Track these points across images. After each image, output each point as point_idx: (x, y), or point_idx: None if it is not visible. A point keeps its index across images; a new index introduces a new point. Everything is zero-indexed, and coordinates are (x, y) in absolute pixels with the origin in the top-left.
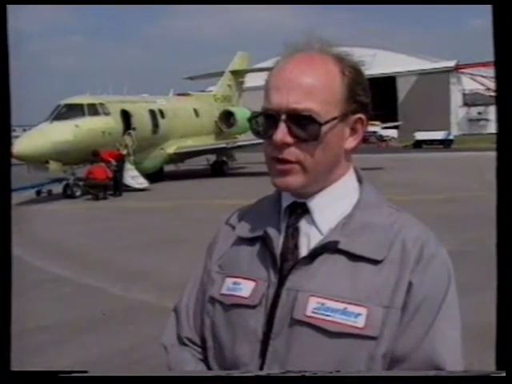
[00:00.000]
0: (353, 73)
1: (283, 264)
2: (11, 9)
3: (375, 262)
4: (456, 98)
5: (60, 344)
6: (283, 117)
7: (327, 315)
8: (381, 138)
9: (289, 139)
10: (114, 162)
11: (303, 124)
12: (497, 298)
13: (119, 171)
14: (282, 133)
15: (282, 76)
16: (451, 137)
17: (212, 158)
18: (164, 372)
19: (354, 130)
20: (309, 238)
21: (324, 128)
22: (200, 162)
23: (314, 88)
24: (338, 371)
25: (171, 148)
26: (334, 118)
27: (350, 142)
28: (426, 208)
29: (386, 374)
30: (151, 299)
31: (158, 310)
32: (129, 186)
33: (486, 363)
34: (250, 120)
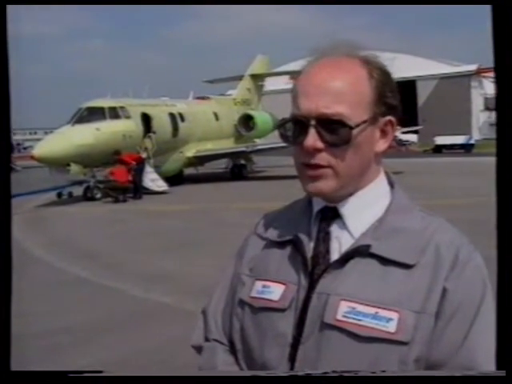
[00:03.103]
0: (380, 75)
1: (314, 268)
2: (27, 12)
3: (407, 267)
4: (477, 102)
5: (80, 344)
6: (313, 122)
7: (358, 319)
8: (400, 143)
9: (319, 144)
10: (134, 165)
11: (333, 128)
12: (497, 298)
13: (139, 174)
14: (312, 138)
15: (310, 81)
16: (472, 141)
17: (231, 161)
18: (195, 372)
19: (383, 133)
20: (340, 242)
21: (355, 132)
22: (220, 166)
23: (342, 92)
24: (374, 372)
25: (191, 151)
26: (364, 122)
27: (381, 145)
28: (446, 212)
29: (386, 375)
30: (172, 301)
31: (179, 312)
32: (148, 189)
33: None
34: (278, 126)
